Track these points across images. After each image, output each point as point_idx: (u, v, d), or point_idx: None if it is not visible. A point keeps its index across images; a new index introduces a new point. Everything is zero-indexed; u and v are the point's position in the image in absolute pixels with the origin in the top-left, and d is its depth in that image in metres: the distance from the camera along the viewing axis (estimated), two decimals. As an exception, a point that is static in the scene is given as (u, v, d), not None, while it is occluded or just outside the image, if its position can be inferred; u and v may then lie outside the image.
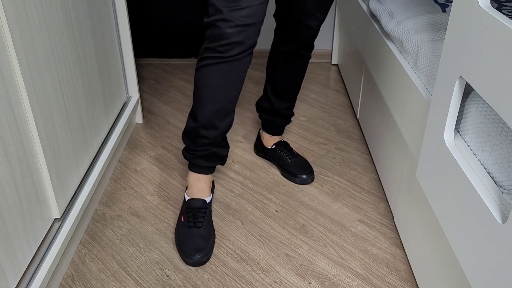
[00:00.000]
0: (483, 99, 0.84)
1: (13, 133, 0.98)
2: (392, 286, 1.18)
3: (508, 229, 0.65)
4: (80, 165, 1.33)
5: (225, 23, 1.11)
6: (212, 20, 1.12)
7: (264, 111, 1.57)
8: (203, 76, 1.19)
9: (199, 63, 1.20)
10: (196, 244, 1.24)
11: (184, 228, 1.28)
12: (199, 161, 1.32)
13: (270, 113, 1.56)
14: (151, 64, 2.50)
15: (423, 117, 1.06)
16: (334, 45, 2.44)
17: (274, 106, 1.53)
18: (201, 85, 1.21)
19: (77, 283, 1.19)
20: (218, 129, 1.26)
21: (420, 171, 1.02)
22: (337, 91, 2.19)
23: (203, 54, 1.18)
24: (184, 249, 1.24)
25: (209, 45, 1.15)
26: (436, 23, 1.24)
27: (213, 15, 1.12)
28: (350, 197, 1.49)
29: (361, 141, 1.79)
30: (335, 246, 1.30)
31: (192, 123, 1.27)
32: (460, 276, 0.91)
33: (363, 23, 1.71)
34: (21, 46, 0.99)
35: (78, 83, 1.31)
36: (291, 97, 1.53)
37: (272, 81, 1.50)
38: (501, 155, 0.75)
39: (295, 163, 1.57)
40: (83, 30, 1.35)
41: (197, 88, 1.22)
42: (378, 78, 1.47)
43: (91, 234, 1.34)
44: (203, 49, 1.18)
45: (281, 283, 1.19)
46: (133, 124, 1.89)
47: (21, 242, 1.02)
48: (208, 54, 1.17)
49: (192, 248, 1.23)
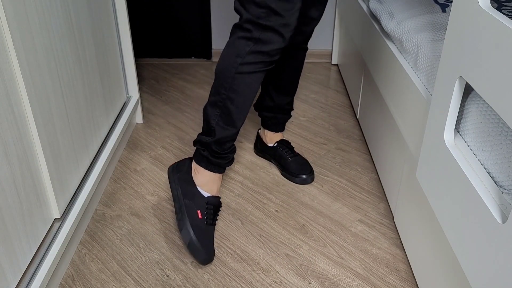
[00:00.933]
0: (483, 99, 0.84)
1: (13, 133, 0.98)
2: (392, 286, 1.18)
3: (508, 229, 0.65)
4: (80, 165, 1.33)
5: (286, 28, 1.08)
6: (272, 24, 1.06)
7: (266, 109, 1.56)
8: (251, 83, 1.14)
9: (244, 67, 1.12)
10: (209, 241, 1.23)
11: (203, 225, 1.23)
12: (226, 163, 1.29)
13: (272, 111, 1.56)
14: (151, 64, 2.50)
15: (423, 117, 1.06)
16: (334, 45, 2.44)
17: (277, 103, 1.53)
18: (247, 91, 1.16)
19: (77, 283, 1.19)
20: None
21: (420, 171, 1.02)
22: (337, 91, 2.19)
23: (252, 59, 1.11)
24: (204, 246, 1.20)
25: (262, 49, 1.09)
26: (436, 23, 1.24)
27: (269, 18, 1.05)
28: (350, 197, 1.49)
29: (361, 141, 1.79)
30: (335, 246, 1.30)
31: (230, 130, 1.21)
32: (460, 276, 0.91)
33: (363, 23, 1.71)
34: (21, 46, 0.99)
35: (78, 83, 1.31)
36: (293, 91, 1.53)
37: (274, 78, 1.49)
38: (501, 155, 0.75)
39: (296, 162, 1.57)
40: (83, 30, 1.35)
41: (241, 95, 1.16)
42: (378, 78, 1.47)
43: (91, 234, 1.34)
44: (252, 52, 1.11)
45: (281, 283, 1.19)
46: (133, 124, 1.89)
47: (21, 242, 1.02)
48: (259, 60, 1.11)
49: (211, 246, 1.23)
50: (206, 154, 1.26)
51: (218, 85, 1.18)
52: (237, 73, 1.14)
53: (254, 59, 1.12)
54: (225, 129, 1.21)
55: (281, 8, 1.06)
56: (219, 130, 1.21)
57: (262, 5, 1.05)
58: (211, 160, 1.26)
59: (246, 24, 1.10)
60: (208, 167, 1.27)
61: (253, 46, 1.11)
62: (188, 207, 1.24)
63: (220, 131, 1.22)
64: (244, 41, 1.12)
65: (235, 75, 1.14)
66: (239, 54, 1.12)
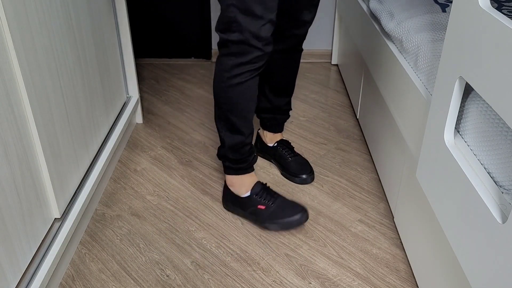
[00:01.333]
0: (483, 99, 0.84)
1: (13, 133, 0.98)
2: (392, 286, 1.18)
3: (508, 229, 0.65)
4: (80, 165, 1.33)
5: (258, 40, 1.14)
6: (244, 38, 1.13)
7: (264, 111, 1.57)
8: (243, 92, 1.22)
9: (232, 80, 1.20)
10: (292, 206, 1.33)
11: (271, 208, 1.33)
12: (249, 164, 1.38)
13: (270, 112, 1.57)
14: (151, 64, 2.50)
15: (423, 117, 1.06)
16: (334, 45, 2.44)
17: (275, 104, 1.54)
18: (241, 100, 1.24)
19: (77, 283, 1.19)
20: (253, 130, 1.33)
21: (420, 171, 1.02)
22: (337, 91, 2.19)
23: (237, 71, 1.19)
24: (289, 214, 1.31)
25: (242, 60, 1.17)
26: (436, 23, 1.24)
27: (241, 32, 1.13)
28: (350, 197, 1.49)
29: (361, 141, 1.79)
30: (335, 246, 1.30)
31: (237, 137, 1.30)
32: (460, 276, 0.91)
33: (363, 23, 1.71)
34: (21, 46, 0.99)
35: (78, 83, 1.31)
36: (290, 92, 1.54)
37: (270, 81, 1.50)
38: (501, 155, 0.75)
39: (296, 162, 1.57)
40: (83, 30, 1.35)
41: (237, 104, 1.24)
42: (378, 78, 1.47)
43: (91, 234, 1.34)
44: (234, 65, 1.18)
45: (281, 283, 1.19)
46: (133, 124, 1.89)
47: (21, 242, 1.02)
48: (244, 70, 1.18)
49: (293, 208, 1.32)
50: (228, 164, 1.37)
51: (216, 100, 1.28)
52: (228, 87, 1.22)
53: (238, 70, 1.19)
54: (233, 137, 1.30)
55: (250, 24, 1.12)
56: (228, 139, 1.31)
57: (232, 20, 1.12)
58: (234, 167, 1.36)
59: (223, 43, 1.18)
60: (236, 173, 1.37)
61: (234, 60, 1.18)
62: (253, 213, 1.36)
63: (230, 140, 1.31)
64: (225, 57, 1.19)
65: (227, 89, 1.22)
66: (225, 69, 1.20)
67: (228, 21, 1.13)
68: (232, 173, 1.38)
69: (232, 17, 1.11)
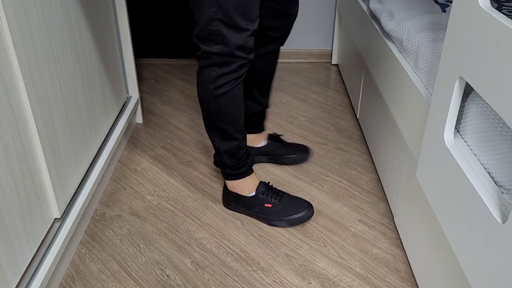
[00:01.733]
0: (483, 99, 0.84)
1: (13, 133, 0.98)
2: (392, 286, 1.18)
3: (508, 229, 0.65)
4: (80, 165, 1.33)
5: (242, 50, 1.15)
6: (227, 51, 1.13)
7: (255, 115, 1.56)
8: (230, 100, 1.22)
9: (218, 90, 1.20)
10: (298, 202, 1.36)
11: (278, 206, 1.36)
12: (248, 167, 1.38)
13: (259, 114, 1.56)
14: (151, 64, 2.50)
15: (423, 117, 1.06)
16: (334, 45, 2.44)
17: (263, 105, 1.54)
18: (230, 108, 1.24)
19: (77, 283, 1.19)
20: (245, 134, 1.33)
21: (420, 171, 1.02)
22: (337, 91, 2.19)
23: (221, 81, 1.19)
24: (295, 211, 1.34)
25: (225, 71, 1.17)
26: (436, 23, 1.24)
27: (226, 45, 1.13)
28: (350, 197, 1.49)
29: (361, 141, 1.79)
30: (335, 246, 1.30)
31: (231, 143, 1.30)
32: (460, 276, 0.91)
33: (363, 23, 1.71)
34: (21, 46, 0.99)
35: (78, 83, 1.31)
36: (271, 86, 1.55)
37: (257, 83, 1.49)
38: (501, 155, 0.75)
39: (290, 146, 1.63)
40: (83, 30, 1.35)
41: (226, 113, 1.24)
42: (378, 78, 1.47)
43: (91, 234, 1.34)
44: (219, 76, 1.18)
45: (281, 283, 1.19)
46: (133, 124, 1.89)
47: (21, 242, 1.02)
48: (228, 79, 1.19)
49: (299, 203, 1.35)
50: (227, 171, 1.37)
51: (205, 111, 1.27)
52: (214, 97, 1.22)
53: (223, 80, 1.19)
54: (227, 144, 1.31)
55: (234, 37, 1.12)
56: (223, 147, 1.31)
57: (216, 33, 1.11)
58: (233, 173, 1.37)
59: (205, 54, 1.17)
60: (236, 178, 1.37)
61: (218, 70, 1.17)
62: (259, 211, 1.37)
63: (224, 147, 1.31)
64: (208, 68, 1.19)
65: (213, 99, 1.22)
66: (209, 80, 1.20)
67: (211, 33, 1.12)
68: (232, 179, 1.38)
69: (216, 30, 1.10)
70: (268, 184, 1.40)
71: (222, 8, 1.08)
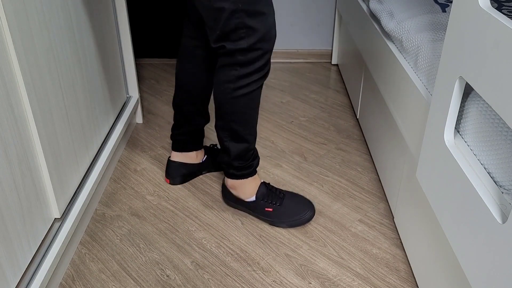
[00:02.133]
0: (483, 99, 0.84)
1: (13, 133, 0.98)
2: (392, 286, 1.18)
3: (508, 229, 0.65)
4: (80, 165, 1.33)
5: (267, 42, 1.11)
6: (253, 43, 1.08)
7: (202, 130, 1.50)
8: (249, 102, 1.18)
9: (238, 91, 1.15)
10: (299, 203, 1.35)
11: (280, 208, 1.34)
12: (253, 167, 1.35)
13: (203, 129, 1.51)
14: (151, 64, 2.50)
15: (423, 117, 1.06)
16: (334, 45, 2.44)
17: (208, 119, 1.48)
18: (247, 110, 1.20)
19: (77, 283, 1.19)
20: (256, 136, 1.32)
21: (420, 171, 1.02)
22: (337, 91, 2.19)
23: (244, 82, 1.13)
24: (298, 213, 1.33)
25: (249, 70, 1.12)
26: (436, 23, 1.24)
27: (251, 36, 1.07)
28: (350, 197, 1.49)
29: (361, 141, 1.79)
30: (335, 246, 1.30)
31: (242, 145, 1.27)
32: (460, 276, 0.91)
33: (363, 23, 1.71)
34: (21, 46, 0.99)
35: (78, 83, 1.31)
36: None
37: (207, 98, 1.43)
38: (501, 155, 0.75)
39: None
40: (83, 30, 1.35)
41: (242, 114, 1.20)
42: (378, 78, 1.47)
43: (91, 234, 1.34)
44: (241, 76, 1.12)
45: (281, 283, 1.19)
46: (133, 124, 1.89)
47: (21, 242, 1.02)
48: (251, 80, 1.13)
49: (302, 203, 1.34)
50: (232, 171, 1.34)
51: (219, 111, 1.22)
52: (233, 98, 1.16)
53: (245, 81, 1.14)
54: (238, 146, 1.27)
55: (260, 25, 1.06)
56: (233, 148, 1.27)
57: (240, 26, 1.06)
58: (237, 174, 1.34)
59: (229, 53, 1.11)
60: (239, 178, 1.35)
61: (240, 70, 1.12)
62: (261, 214, 1.36)
63: (235, 149, 1.28)
64: (229, 67, 1.13)
65: (232, 100, 1.17)
66: (229, 80, 1.14)
67: (235, 28, 1.06)
68: (235, 178, 1.35)
69: (240, 22, 1.04)
70: (269, 186, 1.38)
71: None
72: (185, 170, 1.53)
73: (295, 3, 2.40)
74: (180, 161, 1.52)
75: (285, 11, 2.42)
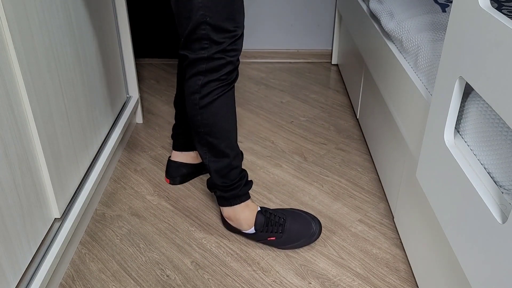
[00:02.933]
0: (483, 99, 0.84)
1: (13, 133, 0.98)
2: (392, 286, 1.18)
3: (508, 229, 0.65)
4: (80, 165, 1.33)
5: (233, 53, 1.10)
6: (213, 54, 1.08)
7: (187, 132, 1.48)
8: (217, 110, 1.15)
9: (204, 100, 1.13)
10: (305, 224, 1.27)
11: (282, 237, 1.26)
12: (242, 190, 1.27)
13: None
14: (151, 64, 2.50)
15: (423, 117, 1.06)
16: (334, 45, 2.44)
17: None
18: (217, 120, 1.16)
19: (77, 283, 1.19)
20: (239, 153, 1.25)
21: (420, 171, 1.02)
22: (337, 91, 2.20)
23: (207, 90, 1.12)
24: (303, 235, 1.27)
25: (211, 78, 1.11)
26: (436, 23, 1.24)
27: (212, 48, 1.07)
28: (350, 197, 1.49)
29: (361, 141, 1.79)
30: (335, 246, 1.30)
31: (222, 160, 1.21)
32: (460, 276, 0.91)
33: (363, 23, 1.71)
34: (21, 46, 0.99)
35: (78, 83, 1.31)
36: None
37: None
38: (501, 155, 0.75)
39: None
40: (83, 30, 1.35)
41: (214, 125, 1.16)
42: (378, 78, 1.47)
43: (91, 234, 1.34)
44: (204, 84, 1.11)
45: (281, 283, 1.19)
46: (133, 124, 1.89)
47: (21, 242, 1.02)
48: (214, 87, 1.12)
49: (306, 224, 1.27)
50: (219, 193, 1.27)
51: (193, 126, 1.19)
52: (200, 108, 1.15)
53: (208, 89, 1.12)
54: (217, 161, 1.21)
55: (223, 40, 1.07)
56: (212, 165, 1.22)
57: (204, 37, 1.06)
58: (225, 196, 1.26)
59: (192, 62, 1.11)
60: (231, 203, 1.27)
61: (203, 79, 1.11)
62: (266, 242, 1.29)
63: (215, 165, 1.22)
64: (194, 78, 1.12)
65: (200, 110, 1.15)
66: (194, 91, 1.13)
67: (199, 38, 1.06)
68: (226, 205, 1.27)
69: (204, 34, 1.05)
70: (267, 213, 1.29)
71: (210, 11, 1.03)
72: (185, 170, 1.53)
73: (295, 3, 2.40)
74: (180, 161, 1.52)
75: (285, 11, 2.42)
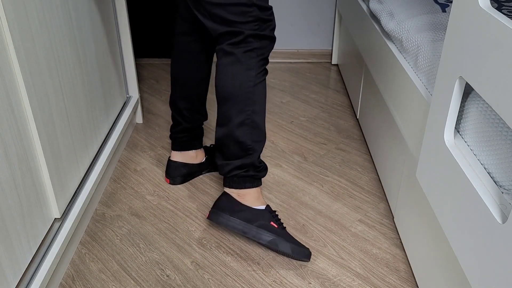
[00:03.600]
0: (483, 99, 0.84)
1: (13, 133, 0.98)
2: (392, 286, 1.18)
3: (508, 229, 0.65)
4: (80, 165, 1.33)
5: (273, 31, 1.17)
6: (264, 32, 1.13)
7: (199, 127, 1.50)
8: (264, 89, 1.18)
9: (258, 77, 1.15)
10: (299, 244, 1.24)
11: (281, 231, 1.24)
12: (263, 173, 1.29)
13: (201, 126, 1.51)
14: (151, 64, 2.50)
15: (423, 117, 1.06)
16: (334, 45, 2.44)
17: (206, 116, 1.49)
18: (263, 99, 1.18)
19: (77, 283, 1.19)
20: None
21: (420, 171, 1.02)
22: (337, 91, 2.20)
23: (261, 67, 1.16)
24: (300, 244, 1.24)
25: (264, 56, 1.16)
26: (436, 23, 1.24)
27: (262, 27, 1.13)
28: (350, 197, 1.49)
29: (361, 141, 1.79)
30: (335, 246, 1.30)
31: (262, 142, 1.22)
32: (460, 276, 0.91)
33: (363, 23, 1.71)
34: (21, 46, 0.99)
35: (78, 83, 1.31)
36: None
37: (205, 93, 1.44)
38: (501, 155, 0.75)
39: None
40: (83, 30, 1.35)
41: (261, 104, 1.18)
42: (378, 78, 1.47)
43: (91, 234, 1.34)
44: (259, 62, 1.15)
45: (281, 283, 1.19)
46: (133, 124, 1.89)
47: (21, 242, 1.02)
48: (264, 65, 1.17)
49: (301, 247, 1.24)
50: (251, 173, 1.24)
51: (238, 105, 1.16)
52: (255, 85, 1.15)
53: (261, 67, 1.16)
54: (259, 142, 1.21)
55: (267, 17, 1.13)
56: (257, 147, 1.21)
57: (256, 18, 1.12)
58: (255, 176, 1.25)
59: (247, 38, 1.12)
60: (253, 184, 1.26)
61: (257, 56, 1.15)
62: (263, 227, 1.23)
63: (258, 147, 1.21)
64: (250, 53, 1.13)
65: (253, 88, 1.15)
66: (251, 67, 1.13)
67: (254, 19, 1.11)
68: (256, 184, 1.26)
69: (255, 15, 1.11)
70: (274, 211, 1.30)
71: None
72: (185, 170, 1.53)
73: (295, 3, 2.40)
74: (180, 161, 1.52)
75: (285, 11, 2.42)
